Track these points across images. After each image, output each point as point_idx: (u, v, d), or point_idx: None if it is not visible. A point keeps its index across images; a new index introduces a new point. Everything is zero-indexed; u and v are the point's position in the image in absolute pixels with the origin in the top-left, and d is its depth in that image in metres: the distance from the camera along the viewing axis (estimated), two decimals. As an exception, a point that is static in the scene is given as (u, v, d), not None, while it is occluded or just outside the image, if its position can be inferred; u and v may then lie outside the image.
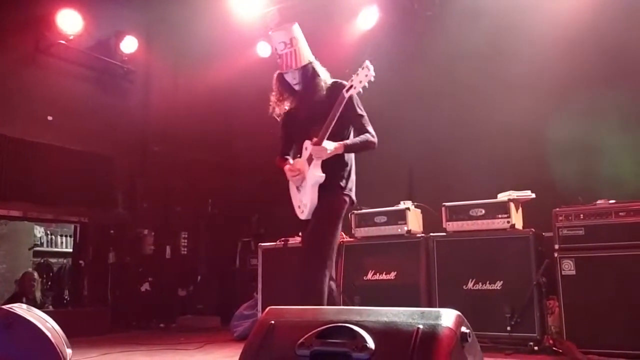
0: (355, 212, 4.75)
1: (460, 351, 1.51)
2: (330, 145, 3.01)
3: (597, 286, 3.65)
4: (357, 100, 3.13)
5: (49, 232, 7.07)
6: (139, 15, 6.67)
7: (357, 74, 3.04)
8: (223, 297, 6.45)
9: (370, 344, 1.54)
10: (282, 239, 5.08)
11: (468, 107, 5.25)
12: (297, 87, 3.18)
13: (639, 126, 4.65)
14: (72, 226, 6.33)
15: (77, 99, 6.05)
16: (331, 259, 3.03)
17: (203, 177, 6.87)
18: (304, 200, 3.12)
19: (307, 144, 3.10)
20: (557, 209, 3.88)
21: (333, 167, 3.08)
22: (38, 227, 6.89)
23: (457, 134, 5.25)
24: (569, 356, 3.53)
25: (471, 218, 4.27)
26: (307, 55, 3.15)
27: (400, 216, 4.56)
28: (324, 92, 3.11)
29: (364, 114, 3.15)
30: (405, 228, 4.50)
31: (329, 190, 3.08)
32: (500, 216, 4.15)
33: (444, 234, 4.36)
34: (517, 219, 4.16)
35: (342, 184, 3.14)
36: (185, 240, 6.79)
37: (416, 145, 5.31)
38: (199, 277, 6.79)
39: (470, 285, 4.13)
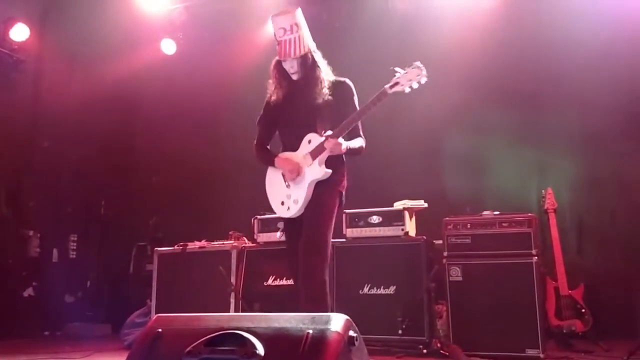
0: (258, 217, 4.73)
1: (347, 354, 1.55)
2: (344, 143, 2.89)
3: (481, 292, 3.87)
4: (357, 102, 3.05)
5: None
6: (31, 2, 6.23)
7: (406, 72, 2.89)
8: (114, 304, 6.13)
9: (260, 350, 1.53)
10: (181, 243, 4.94)
11: (368, 119, 5.42)
12: (294, 77, 3.02)
13: (523, 143, 5.05)
14: (-54, 225, 5.77)
15: (-45, 87, 5.54)
16: (328, 256, 2.93)
17: (97, 177, 6.49)
18: (295, 196, 2.96)
19: (313, 136, 2.94)
20: (447, 218, 4.08)
21: (335, 164, 2.98)
22: None
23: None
24: (454, 359, 3.72)
25: (369, 225, 4.39)
26: (308, 43, 2.99)
27: (302, 222, 4.59)
28: (326, 88, 2.97)
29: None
30: (306, 234, 4.54)
31: (327, 187, 2.96)
32: (395, 224, 4.31)
33: (344, 240, 4.46)
34: (410, 226, 4.34)
35: (339, 181, 3.04)
36: (75, 243, 6.38)
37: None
38: (88, 283, 6.42)
39: (365, 290, 4.24)
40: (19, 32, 5.90)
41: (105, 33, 6.12)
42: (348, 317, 1.60)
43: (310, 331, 1.54)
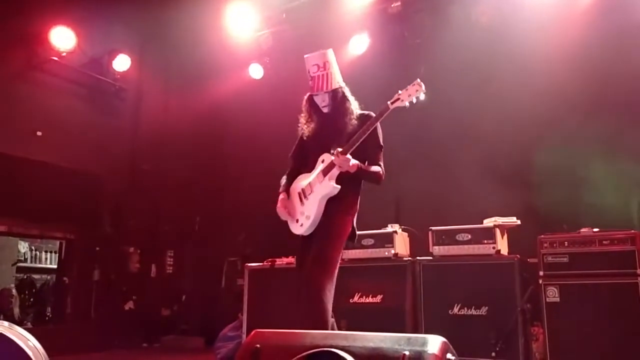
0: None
1: (445, 378, 1.53)
2: (354, 161, 2.95)
3: (581, 313, 3.69)
4: (380, 131, 3.15)
5: (33, 247, 6.99)
6: (133, 33, 6.70)
7: (407, 89, 3.02)
8: (207, 317, 6.38)
9: (356, 369, 1.55)
10: (269, 259, 5.07)
11: (454, 134, 5.33)
12: (325, 110, 3.20)
13: (622, 156, 4.75)
14: (58, 242, 6.28)
15: (67, 115, 6.04)
16: (334, 279, 2.92)
17: (191, 196, 6.85)
18: (307, 212, 3.05)
19: (326, 156, 3.07)
20: (542, 236, 3.92)
21: (348, 187, 3.04)
22: (22, 243, 6.81)
23: (443, 160, 5.32)
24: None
25: (457, 243, 4.30)
26: (338, 79, 3.20)
27: (388, 239, 4.58)
28: (354, 119, 3.11)
29: (382, 147, 3.14)
30: (392, 251, 4.52)
31: (340, 209, 3.03)
32: (486, 241, 4.19)
33: (431, 258, 4.39)
34: (502, 244, 4.20)
35: (352, 204, 3.11)
36: (171, 259, 6.75)
37: (403, 169, 5.37)
38: (183, 297, 6.74)
39: (455, 310, 4.14)
40: (121, 63, 6.38)
41: (197, 60, 6.48)
42: (445, 340, 1.59)
43: (407, 352, 1.54)
